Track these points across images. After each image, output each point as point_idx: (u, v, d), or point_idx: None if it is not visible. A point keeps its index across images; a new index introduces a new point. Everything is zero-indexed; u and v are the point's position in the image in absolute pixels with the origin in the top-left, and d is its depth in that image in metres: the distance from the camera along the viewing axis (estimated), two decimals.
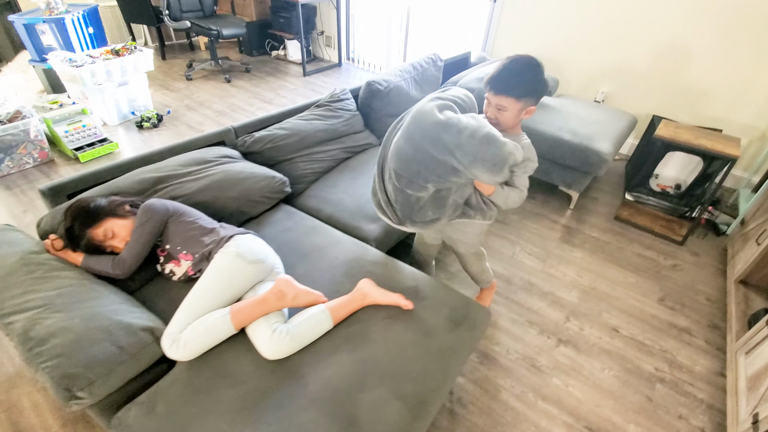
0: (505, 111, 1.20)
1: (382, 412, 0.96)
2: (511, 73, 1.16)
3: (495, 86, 1.18)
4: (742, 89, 2.56)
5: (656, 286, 2.00)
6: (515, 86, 1.16)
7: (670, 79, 2.77)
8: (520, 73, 1.16)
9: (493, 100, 1.20)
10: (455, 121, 1.11)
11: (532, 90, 1.18)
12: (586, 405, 1.48)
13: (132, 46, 3.02)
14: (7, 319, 1.01)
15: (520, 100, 1.18)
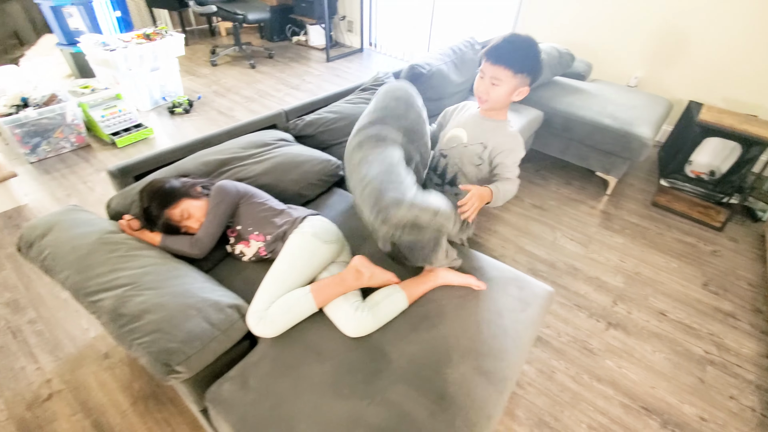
0: (498, 85, 1.16)
1: (469, 387, 0.98)
2: (513, 45, 1.13)
3: (494, 55, 1.14)
4: None
5: (698, 271, 2.01)
6: (515, 59, 1.12)
7: (704, 64, 2.73)
8: (521, 48, 1.13)
9: (489, 72, 1.16)
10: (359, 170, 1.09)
11: (530, 67, 1.15)
12: (641, 386, 1.50)
13: (163, 30, 3.01)
14: (95, 297, 1.03)
15: (517, 76, 1.14)
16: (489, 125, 1.27)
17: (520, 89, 1.18)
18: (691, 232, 2.26)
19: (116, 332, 0.98)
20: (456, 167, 1.32)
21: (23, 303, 1.65)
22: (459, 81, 2.32)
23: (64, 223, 1.19)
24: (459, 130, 1.30)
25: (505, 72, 1.13)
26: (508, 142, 1.25)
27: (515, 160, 1.26)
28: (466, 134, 1.28)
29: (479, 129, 1.27)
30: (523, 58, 1.13)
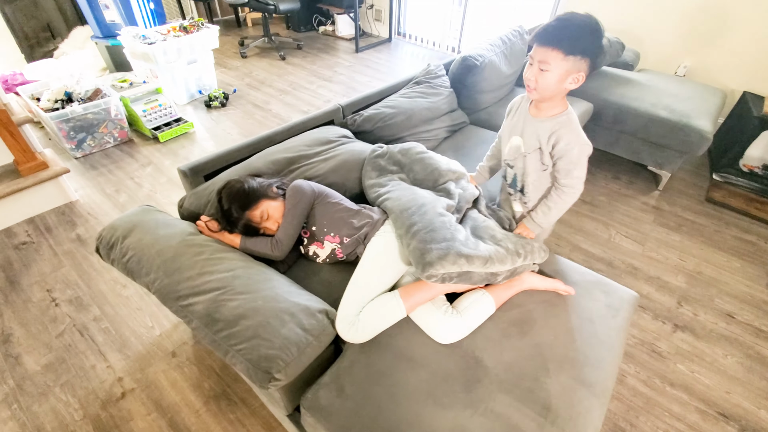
0: (547, 71, 1.01)
1: (572, 398, 0.95)
2: (564, 23, 0.98)
3: (542, 37, 0.99)
4: None
5: (762, 270, 1.94)
6: (566, 38, 0.97)
7: (755, 51, 2.60)
8: (574, 25, 0.97)
9: (537, 55, 1.01)
10: None
11: (584, 48, 0.98)
12: (716, 391, 1.46)
13: (200, 22, 2.97)
14: (185, 301, 1.02)
15: (568, 58, 0.98)
16: (542, 127, 1.14)
17: (573, 75, 1.01)
18: (750, 229, 2.19)
19: (211, 338, 0.97)
20: (521, 177, 1.27)
21: (86, 301, 1.66)
22: (508, 72, 2.26)
23: (144, 224, 1.18)
24: (516, 138, 1.22)
25: (554, 53, 0.98)
26: (564, 142, 1.11)
27: (574, 163, 1.12)
28: (522, 142, 1.20)
29: (533, 133, 1.16)
30: (575, 37, 0.97)
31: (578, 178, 1.14)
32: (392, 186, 1.31)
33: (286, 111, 3.11)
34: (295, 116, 3.04)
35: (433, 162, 1.39)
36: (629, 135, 2.38)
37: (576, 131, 1.11)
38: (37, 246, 1.88)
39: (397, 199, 1.21)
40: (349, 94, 3.40)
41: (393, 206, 1.19)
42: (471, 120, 2.18)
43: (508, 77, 2.27)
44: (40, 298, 1.65)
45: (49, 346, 1.49)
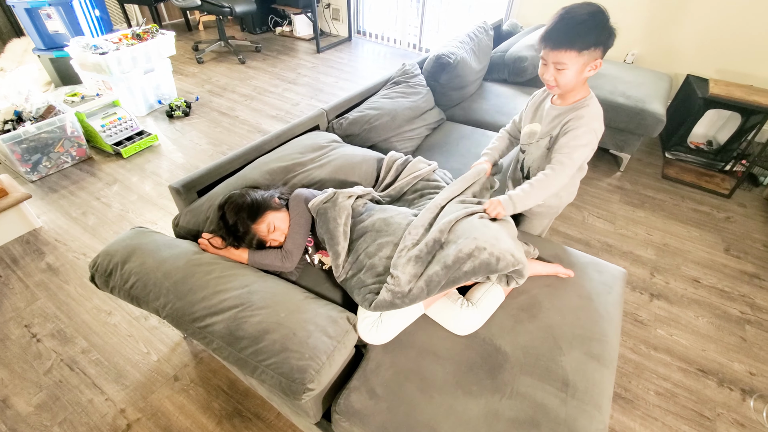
0: (565, 69, 1.05)
1: (585, 371, 1.03)
2: (570, 22, 1.00)
3: (551, 40, 1.03)
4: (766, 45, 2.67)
5: (718, 237, 2.15)
6: (575, 37, 1.00)
7: (696, 37, 2.85)
8: (580, 22, 1.00)
9: (551, 58, 1.05)
10: None
11: (595, 39, 1.01)
12: (693, 350, 1.61)
13: (154, 28, 2.83)
14: (203, 322, 1.00)
15: (583, 53, 1.02)
16: (560, 113, 1.18)
17: (591, 64, 1.05)
18: (703, 201, 2.41)
19: (236, 356, 0.96)
20: (532, 162, 1.33)
21: (70, 333, 1.56)
22: (478, 68, 2.34)
23: (144, 247, 1.13)
24: (535, 125, 1.29)
25: (568, 54, 1.02)
26: (576, 121, 1.13)
27: (576, 142, 1.12)
28: (539, 128, 1.27)
29: (554, 119, 1.20)
30: (585, 33, 1.00)
31: (573, 159, 1.13)
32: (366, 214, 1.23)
33: (254, 117, 3.04)
34: (264, 121, 2.98)
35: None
36: None
37: (592, 115, 1.13)
38: (5, 280, 1.73)
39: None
40: (317, 95, 3.37)
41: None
42: (447, 116, 2.24)
43: (478, 73, 2.34)
44: (18, 335, 1.54)
45: (39, 385, 1.39)
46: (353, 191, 1.23)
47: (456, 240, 1.04)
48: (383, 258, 1.07)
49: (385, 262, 1.06)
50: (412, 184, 1.39)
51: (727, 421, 1.39)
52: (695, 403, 1.44)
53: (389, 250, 1.08)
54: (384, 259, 1.07)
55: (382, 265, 1.06)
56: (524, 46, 2.50)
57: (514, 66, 2.47)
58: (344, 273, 1.11)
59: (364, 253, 1.10)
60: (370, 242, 1.11)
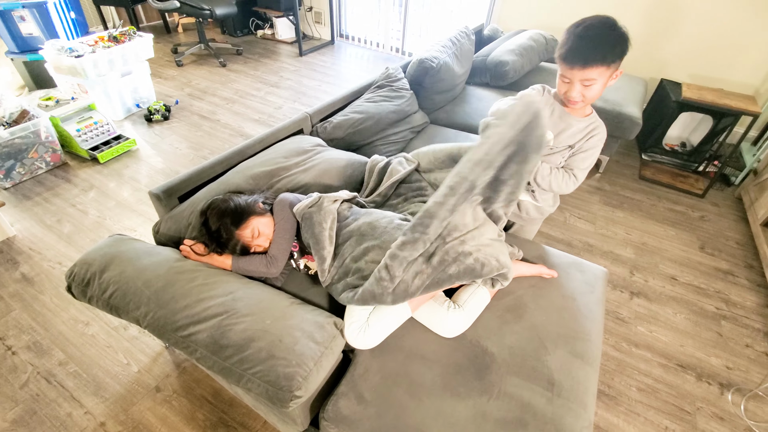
0: (594, 84, 1.08)
1: (570, 370, 1.04)
2: (595, 39, 1.03)
3: (579, 59, 1.05)
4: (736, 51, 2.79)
5: (693, 236, 2.22)
6: (605, 53, 1.03)
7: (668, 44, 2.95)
8: (604, 37, 1.03)
9: (578, 76, 1.08)
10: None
11: (621, 50, 1.05)
12: (672, 346, 1.66)
13: (131, 31, 2.77)
14: (186, 331, 0.98)
15: (611, 66, 1.06)
16: (581, 126, 1.22)
17: (615, 73, 1.09)
18: (679, 200, 2.49)
19: (220, 365, 0.94)
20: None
21: (46, 345, 1.51)
22: (461, 72, 2.36)
23: (123, 255, 1.10)
24: (548, 133, 1.27)
25: (597, 70, 1.05)
26: (593, 138, 1.22)
27: (593, 155, 1.24)
28: (552, 137, 1.26)
29: (567, 132, 1.23)
30: (611, 47, 1.03)
31: (587, 169, 1.26)
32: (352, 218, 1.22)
33: (236, 120, 3.00)
34: (246, 125, 2.94)
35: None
36: None
37: (604, 133, 1.22)
38: None
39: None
40: (300, 99, 3.35)
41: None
42: (431, 120, 2.26)
43: (460, 77, 2.37)
44: None
45: (14, 399, 1.33)
46: (339, 195, 1.23)
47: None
48: (369, 262, 1.07)
49: (371, 266, 1.06)
50: (394, 188, 1.39)
51: (706, 415, 1.43)
52: (675, 398, 1.47)
53: (375, 254, 1.08)
54: (370, 263, 1.06)
55: (369, 270, 1.05)
56: (505, 50, 2.54)
57: (495, 70, 2.50)
58: (330, 278, 1.10)
59: (350, 257, 1.09)
60: (355, 246, 1.11)
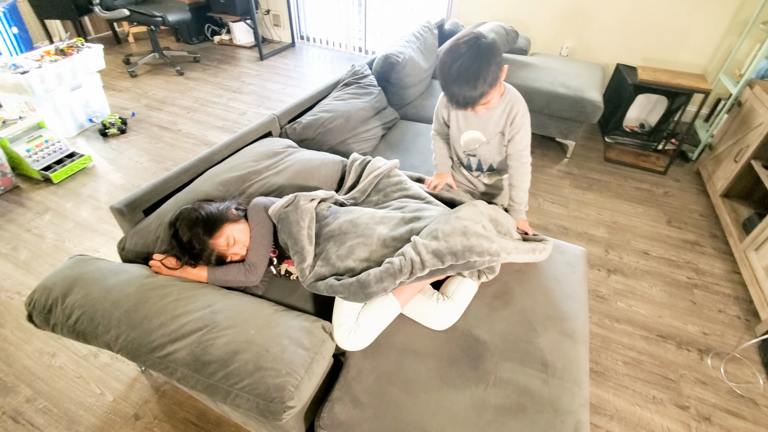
0: (489, 101, 1.11)
1: (561, 350, 1.05)
2: (470, 77, 1.02)
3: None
4: (683, 33, 2.93)
5: (659, 211, 2.31)
6: (484, 90, 1.04)
7: (621, 30, 3.07)
8: (477, 71, 1.02)
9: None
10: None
11: (497, 67, 1.05)
12: (651, 318, 1.71)
13: (79, 42, 2.61)
14: (163, 350, 0.91)
15: (494, 85, 1.07)
16: (495, 113, 1.24)
17: (501, 78, 1.12)
18: (643, 179, 2.58)
19: (204, 383, 0.89)
20: (488, 159, 1.38)
21: (11, 382, 1.38)
22: (426, 66, 2.36)
23: (87, 276, 1.02)
24: (473, 132, 1.31)
25: (486, 98, 1.08)
26: (519, 120, 1.23)
27: (527, 141, 1.26)
28: (481, 134, 1.30)
29: (489, 122, 1.26)
30: (485, 74, 1.02)
31: (528, 144, 1.28)
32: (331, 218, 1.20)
33: (198, 129, 2.89)
34: (210, 133, 2.84)
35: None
36: (536, 113, 2.64)
37: (517, 96, 1.23)
38: None
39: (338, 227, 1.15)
40: (264, 103, 3.27)
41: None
42: (400, 115, 2.25)
43: (426, 71, 2.37)
44: None
45: None
46: (315, 194, 1.19)
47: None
48: (357, 260, 1.04)
49: (362, 265, 1.03)
50: (374, 183, 1.36)
51: (689, 381, 1.48)
52: (659, 368, 1.52)
53: (362, 251, 1.05)
54: (359, 261, 1.04)
55: (360, 268, 1.03)
56: None
57: None
58: (313, 276, 1.06)
59: (336, 256, 1.06)
60: (339, 245, 1.07)
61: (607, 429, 1.33)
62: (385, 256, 1.06)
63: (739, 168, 2.15)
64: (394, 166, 1.38)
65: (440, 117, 1.39)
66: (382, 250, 1.06)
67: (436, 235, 1.02)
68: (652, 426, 1.35)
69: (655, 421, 1.36)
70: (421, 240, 1.01)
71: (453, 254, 1.00)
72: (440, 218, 1.08)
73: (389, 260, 1.00)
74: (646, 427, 1.34)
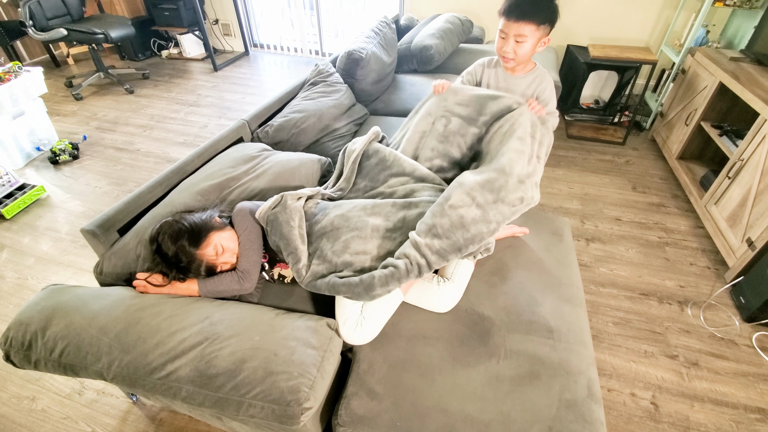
0: (524, 41, 1.19)
1: (562, 315, 1.08)
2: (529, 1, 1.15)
3: (515, 12, 1.15)
4: (625, 10, 3.10)
5: (624, 179, 2.43)
6: (537, 11, 1.15)
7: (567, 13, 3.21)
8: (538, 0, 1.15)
9: (513, 30, 1.18)
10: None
11: (551, 16, 1.18)
12: (631, 279, 1.79)
13: (15, 66, 2.43)
14: (163, 370, 0.86)
15: (540, 27, 1.17)
16: (523, 82, 1.34)
17: (543, 39, 1.21)
18: (605, 151, 2.71)
19: (213, 398, 0.84)
20: None
21: None
22: (389, 61, 2.37)
23: (66, 306, 0.95)
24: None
25: (529, 27, 1.16)
26: (547, 94, 1.34)
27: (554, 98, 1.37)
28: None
29: (518, 90, 1.35)
30: (544, 8, 1.15)
31: (553, 113, 1.37)
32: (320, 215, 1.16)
33: (158, 147, 2.76)
34: (171, 149, 2.72)
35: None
36: None
37: (550, 79, 1.33)
38: None
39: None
40: (225, 114, 3.18)
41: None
42: (370, 111, 2.24)
43: (389, 65, 2.37)
44: None
45: None
46: (302, 192, 1.16)
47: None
48: (354, 254, 1.02)
49: (360, 257, 1.02)
50: (356, 169, 1.32)
51: (675, 332, 1.56)
52: (646, 323, 1.59)
53: (357, 244, 1.03)
54: (356, 255, 1.02)
55: (359, 261, 1.01)
56: (426, 35, 2.59)
57: (420, 55, 2.54)
58: (311, 275, 1.03)
59: (331, 252, 1.03)
60: (333, 241, 1.05)
61: (608, 387, 1.38)
62: (382, 247, 1.05)
63: (690, 131, 2.30)
64: (370, 140, 1.33)
65: (473, 76, 1.47)
66: (378, 242, 1.05)
67: (437, 233, 1.00)
68: (648, 378, 1.41)
69: (650, 373, 1.42)
70: (422, 240, 0.99)
71: (457, 250, 1.00)
72: (434, 210, 1.04)
73: (393, 264, 0.97)
74: (643, 380, 1.40)
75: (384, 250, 1.05)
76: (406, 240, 1.02)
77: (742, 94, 1.88)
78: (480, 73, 1.46)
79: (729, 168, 1.87)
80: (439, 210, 1.04)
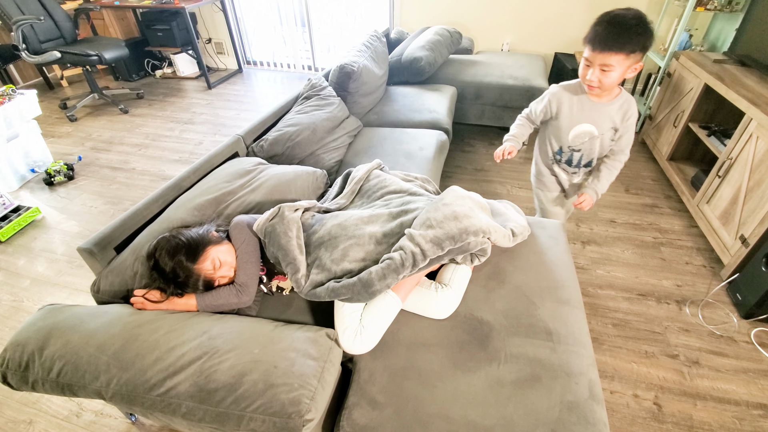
0: (611, 71, 1.13)
1: (561, 317, 1.08)
2: (619, 27, 1.08)
3: (601, 43, 1.10)
4: None
5: (617, 182, 2.46)
6: (626, 41, 1.08)
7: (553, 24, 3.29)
8: (629, 27, 1.08)
9: (598, 59, 1.12)
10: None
11: (643, 43, 1.09)
12: (628, 280, 1.80)
13: (10, 89, 2.45)
14: (162, 387, 0.86)
15: (630, 56, 1.11)
16: (612, 109, 1.29)
17: (634, 66, 1.14)
18: None
19: (214, 413, 0.84)
20: (591, 155, 1.41)
21: None
22: (380, 74, 2.40)
23: (63, 325, 0.94)
24: (585, 126, 1.33)
25: (617, 57, 1.09)
26: (633, 119, 1.29)
27: (630, 139, 1.34)
28: (594, 128, 1.33)
29: (605, 116, 1.31)
30: (635, 37, 1.08)
31: (629, 145, 1.36)
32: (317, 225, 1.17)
33: (153, 165, 2.77)
34: (167, 167, 2.73)
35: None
36: (490, 106, 2.75)
37: (635, 104, 1.29)
38: None
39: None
40: (220, 130, 3.20)
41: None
42: (363, 123, 2.26)
43: (381, 78, 2.41)
44: None
45: None
46: (299, 204, 1.17)
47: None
48: (353, 261, 1.03)
49: (359, 265, 1.02)
50: (357, 190, 1.35)
51: (674, 331, 1.56)
52: (645, 324, 1.60)
53: (356, 252, 1.04)
54: (356, 262, 1.03)
55: (358, 268, 1.01)
56: (416, 47, 2.64)
57: (411, 67, 2.59)
58: (310, 284, 1.03)
59: (330, 261, 1.04)
60: (332, 250, 1.05)
61: (611, 389, 1.38)
62: (381, 253, 1.05)
63: (678, 132, 2.33)
64: (373, 168, 1.38)
65: (548, 107, 1.40)
66: (376, 248, 1.06)
67: (430, 224, 1.03)
68: (649, 378, 1.41)
69: (652, 373, 1.42)
70: (417, 231, 1.02)
71: (451, 238, 1.01)
72: (428, 208, 1.09)
73: (389, 256, 0.99)
74: (645, 381, 1.40)
75: (382, 256, 1.05)
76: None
77: (727, 94, 1.92)
78: (556, 104, 1.38)
79: (718, 167, 1.90)
80: (433, 207, 1.09)
